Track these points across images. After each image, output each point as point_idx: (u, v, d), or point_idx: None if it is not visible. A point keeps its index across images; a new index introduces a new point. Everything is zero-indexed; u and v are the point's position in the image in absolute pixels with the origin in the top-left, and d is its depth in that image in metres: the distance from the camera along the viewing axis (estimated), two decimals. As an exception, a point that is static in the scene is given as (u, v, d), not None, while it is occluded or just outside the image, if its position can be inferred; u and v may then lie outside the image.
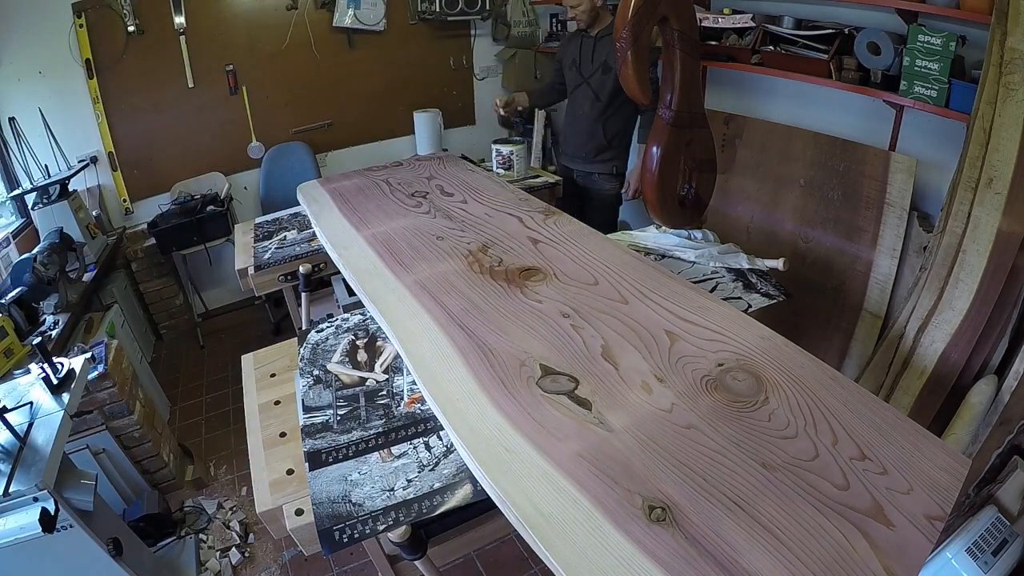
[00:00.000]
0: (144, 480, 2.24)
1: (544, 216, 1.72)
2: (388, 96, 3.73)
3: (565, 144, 2.92)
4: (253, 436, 1.20)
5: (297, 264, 1.90)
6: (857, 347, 2.27)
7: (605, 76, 2.54)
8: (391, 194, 2.01)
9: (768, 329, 1.17)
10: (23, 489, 1.31)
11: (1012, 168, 1.66)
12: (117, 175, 3.16)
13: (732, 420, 0.94)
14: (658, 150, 1.67)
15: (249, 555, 2.10)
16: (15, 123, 2.78)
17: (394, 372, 1.25)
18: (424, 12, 3.60)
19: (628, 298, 1.28)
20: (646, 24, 1.49)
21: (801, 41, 2.27)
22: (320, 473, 1.01)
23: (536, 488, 0.83)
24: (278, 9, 3.28)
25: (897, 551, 0.74)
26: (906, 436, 0.91)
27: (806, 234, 2.42)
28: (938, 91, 1.86)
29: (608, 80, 2.53)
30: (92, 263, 2.72)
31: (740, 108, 2.73)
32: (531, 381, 1.04)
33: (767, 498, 0.80)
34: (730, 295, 1.55)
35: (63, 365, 1.61)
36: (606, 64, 2.52)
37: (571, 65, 2.69)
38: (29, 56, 2.80)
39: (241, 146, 3.44)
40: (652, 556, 0.73)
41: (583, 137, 2.74)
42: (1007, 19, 1.61)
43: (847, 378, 1.04)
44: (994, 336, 1.76)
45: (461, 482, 0.97)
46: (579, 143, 2.77)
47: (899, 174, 2.07)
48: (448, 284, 1.37)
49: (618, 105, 2.58)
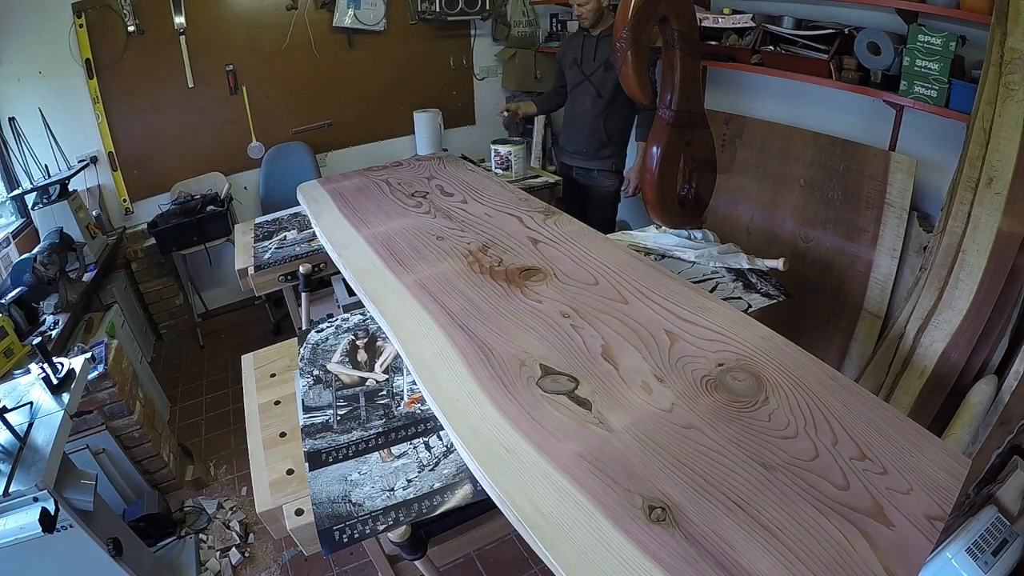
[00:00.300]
0: (144, 480, 2.24)
1: (544, 216, 1.72)
2: (388, 96, 3.73)
3: (565, 141, 2.95)
4: (253, 436, 1.20)
5: (297, 264, 1.90)
6: (857, 347, 2.27)
7: (607, 73, 2.58)
8: (391, 194, 2.01)
9: (768, 329, 1.17)
10: (23, 489, 1.31)
11: (1012, 168, 1.66)
12: (117, 175, 3.16)
13: (732, 420, 0.94)
14: (658, 150, 1.67)
15: (249, 555, 2.10)
16: (15, 123, 2.78)
17: (394, 372, 1.25)
18: (424, 12, 3.60)
19: (628, 298, 1.28)
20: (646, 24, 1.49)
21: (801, 41, 2.27)
22: (320, 473, 1.01)
23: (536, 488, 0.83)
24: (278, 9, 3.28)
25: (897, 551, 0.74)
26: (906, 436, 0.91)
27: (806, 234, 2.42)
28: (938, 91, 1.86)
29: (610, 77, 2.56)
30: (92, 263, 2.72)
31: (740, 108, 2.73)
32: (531, 381, 1.04)
33: (767, 498, 0.80)
34: (730, 295, 1.55)
35: (63, 365, 1.61)
36: (608, 62, 2.56)
37: (572, 64, 2.72)
38: (29, 56, 2.80)
39: (241, 146, 3.44)
40: (652, 556, 0.73)
41: (583, 134, 2.77)
42: (1007, 19, 1.61)
43: (847, 378, 1.04)
44: (994, 336, 1.76)
45: (461, 482, 0.97)
46: (580, 140, 2.80)
47: (899, 174, 2.07)
48: (448, 284, 1.37)
49: (619, 102, 2.62)
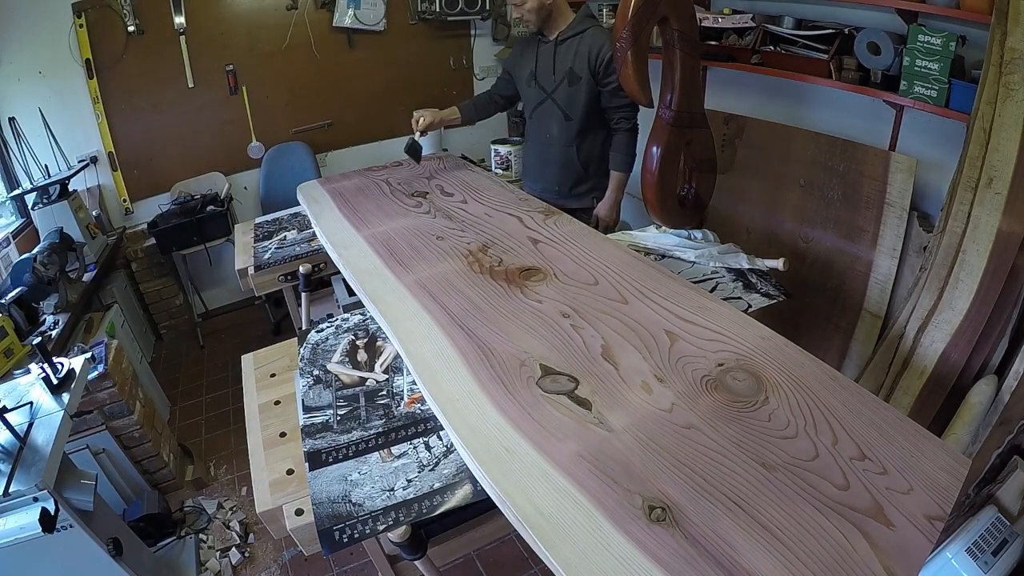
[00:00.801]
0: (144, 480, 2.24)
1: (544, 216, 1.72)
2: (388, 96, 3.73)
3: (530, 178, 2.42)
4: (253, 436, 1.20)
5: (297, 264, 1.90)
6: (857, 347, 2.27)
7: (573, 88, 2.10)
8: (391, 194, 2.02)
9: (768, 329, 1.17)
10: (23, 489, 1.31)
11: (1012, 168, 1.66)
12: (117, 175, 3.16)
13: (732, 420, 0.94)
14: (658, 150, 1.67)
15: (249, 555, 2.10)
16: (15, 123, 2.78)
17: (394, 372, 1.25)
18: (424, 12, 3.60)
19: (628, 298, 1.28)
20: (646, 24, 1.49)
21: (801, 41, 2.27)
22: (320, 473, 1.01)
23: (536, 488, 0.83)
24: (278, 9, 3.28)
25: (897, 551, 0.74)
26: (906, 436, 0.91)
27: (806, 234, 2.42)
28: (938, 91, 1.86)
29: (578, 92, 2.10)
30: (92, 263, 2.72)
31: (740, 108, 2.73)
32: (531, 381, 1.04)
33: (767, 498, 0.80)
34: (730, 295, 1.55)
35: (63, 365, 1.61)
36: (572, 73, 2.09)
37: (528, 79, 2.21)
38: (29, 56, 2.80)
39: (241, 146, 3.44)
40: (652, 556, 0.73)
41: (553, 167, 2.27)
42: (1007, 19, 1.61)
43: (847, 378, 1.04)
44: (994, 336, 1.75)
45: (461, 482, 0.97)
46: (550, 175, 2.29)
47: (899, 174, 2.07)
48: (448, 284, 1.37)
49: (593, 122, 2.17)
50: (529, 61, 2.21)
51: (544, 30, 2.15)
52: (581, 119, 2.15)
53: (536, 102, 2.23)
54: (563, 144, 2.22)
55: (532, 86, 2.22)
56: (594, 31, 2.09)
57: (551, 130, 2.23)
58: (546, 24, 2.13)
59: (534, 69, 2.20)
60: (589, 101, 2.12)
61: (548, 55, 2.15)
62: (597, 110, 2.15)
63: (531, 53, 2.21)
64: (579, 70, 2.09)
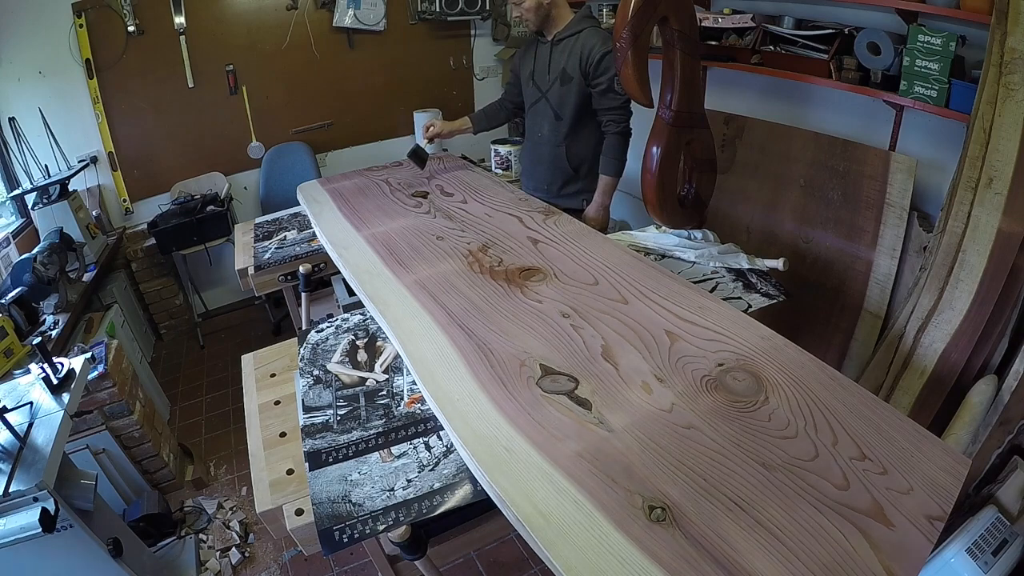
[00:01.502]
0: (144, 480, 2.24)
1: (544, 216, 1.72)
2: (388, 96, 3.73)
3: (525, 177, 2.48)
4: (253, 436, 1.21)
5: (297, 264, 1.90)
6: (857, 347, 2.27)
7: (565, 88, 2.11)
8: (391, 194, 2.02)
9: (768, 329, 1.17)
10: (23, 489, 1.31)
11: (1012, 168, 1.66)
12: (117, 175, 3.16)
13: (732, 420, 0.94)
14: (658, 150, 1.67)
15: (249, 555, 2.10)
16: (15, 123, 2.78)
17: (394, 372, 1.25)
18: (424, 12, 3.60)
19: (628, 298, 1.28)
20: (646, 24, 1.49)
21: (801, 41, 2.27)
22: (320, 473, 1.01)
23: (536, 488, 0.83)
24: (278, 9, 3.28)
25: (897, 551, 0.74)
26: (906, 436, 0.91)
27: (806, 234, 2.42)
28: (938, 91, 1.86)
29: (569, 92, 2.11)
30: (92, 263, 2.72)
31: (740, 108, 2.72)
32: (531, 381, 1.04)
33: (767, 498, 0.80)
34: (730, 295, 1.55)
35: (63, 365, 1.61)
36: (565, 73, 2.10)
37: (528, 78, 2.26)
38: (29, 56, 2.80)
39: (241, 146, 3.44)
40: (652, 556, 0.73)
41: (543, 167, 2.30)
42: (1007, 19, 1.61)
43: (847, 378, 1.04)
44: (994, 336, 1.76)
45: (461, 482, 0.97)
46: (540, 174, 2.32)
47: (899, 174, 2.07)
48: (448, 284, 1.37)
49: (583, 123, 2.18)
50: (529, 61, 2.24)
51: (543, 30, 2.16)
52: (571, 119, 2.16)
53: (532, 100, 2.26)
54: (553, 144, 2.23)
55: (530, 86, 2.25)
56: (589, 31, 2.09)
57: (543, 129, 2.25)
58: (545, 24, 2.14)
59: (533, 69, 2.22)
60: (580, 101, 2.12)
61: (545, 55, 2.17)
62: (588, 111, 2.15)
63: (531, 53, 2.23)
64: (571, 70, 2.10)
